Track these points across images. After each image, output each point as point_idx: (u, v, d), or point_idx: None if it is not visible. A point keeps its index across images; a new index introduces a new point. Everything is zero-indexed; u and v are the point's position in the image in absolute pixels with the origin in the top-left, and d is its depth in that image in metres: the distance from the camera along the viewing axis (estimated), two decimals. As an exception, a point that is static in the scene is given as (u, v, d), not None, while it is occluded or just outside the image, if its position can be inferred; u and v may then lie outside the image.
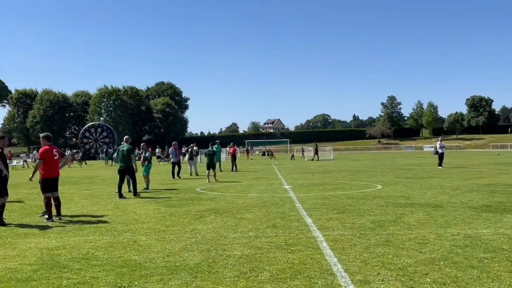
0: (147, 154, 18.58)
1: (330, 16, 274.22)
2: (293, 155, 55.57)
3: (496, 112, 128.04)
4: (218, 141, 29.01)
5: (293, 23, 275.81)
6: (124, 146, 15.28)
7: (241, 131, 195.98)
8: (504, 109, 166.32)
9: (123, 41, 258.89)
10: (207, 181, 20.88)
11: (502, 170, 24.72)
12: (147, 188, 17.42)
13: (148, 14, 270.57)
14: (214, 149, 22.62)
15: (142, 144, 19.82)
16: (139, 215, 10.85)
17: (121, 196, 14.57)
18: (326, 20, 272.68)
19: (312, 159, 46.91)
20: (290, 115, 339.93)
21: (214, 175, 21.32)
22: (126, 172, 15.10)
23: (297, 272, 5.70)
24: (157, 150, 57.62)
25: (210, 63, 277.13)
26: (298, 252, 6.72)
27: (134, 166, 15.02)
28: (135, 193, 15.01)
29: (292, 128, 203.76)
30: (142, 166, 18.10)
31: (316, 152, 47.85)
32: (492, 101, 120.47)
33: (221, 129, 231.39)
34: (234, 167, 30.24)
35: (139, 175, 16.75)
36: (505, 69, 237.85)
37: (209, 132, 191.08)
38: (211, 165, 21.31)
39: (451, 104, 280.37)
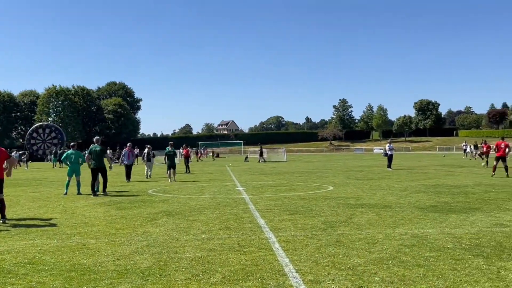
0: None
1: (282, 17, 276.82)
2: (247, 157, 55.68)
3: (442, 116, 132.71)
4: (171, 142, 28.70)
5: (247, 24, 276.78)
6: (97, 147, 16.23)
7: (195, 132, 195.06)
8: (450, 112, 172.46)
9: (73, 39, 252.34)
10: (169, 181, 21.68)
11: (448, 172, 25.64)
12: (97, 190, 17.00)
13: (99, 12, 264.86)
14: (167, 150, 22.61)
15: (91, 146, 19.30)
16: (88, 218, 10.59)
17: (94, 194, 15.45)
18: (279, 21, 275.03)
19: (259, 161, 47.28)
20: (245, 117, 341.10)
21: (174, 175, 22.21)
22: (99, 171, 16.00)
23: (249, 274, 5.71)
24: (108, 151, 56.38)
25: (164, 63, 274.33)
26: (250, 253, 6.74)
27: (110, 165, 16.09)
28: (105, 193, 15.90)
29: (246, 130, 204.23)
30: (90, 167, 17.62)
31: (260, 154, 48.39)
32: (439, 104, 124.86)
33: (174, 130, 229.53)
34: (187, 169, 30.03)
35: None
36: (451, 74, 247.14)
37: (162, 133, 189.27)
38: (171, 165, 22.24)
39: (400, 107, 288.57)
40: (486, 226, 8.58)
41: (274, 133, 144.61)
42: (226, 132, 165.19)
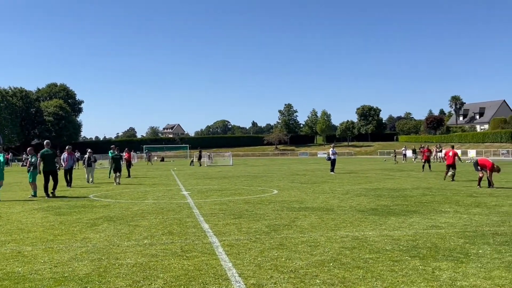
0: (33, 160, 17.37)
1: (228, 19, 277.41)
2: (192, 161, 55.25)
3: (383, 121, 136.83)
4: (113, 146, 28.06)
5: (193, 25, 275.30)
6: (49, 151, 16.90)
7: (139, 136, 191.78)
8: (390, 118, 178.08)
9: (10, 39, 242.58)
10: (115, 183, 22.22)
11: (388, 176, 26.45)
12: (34, 195, 16.40)
13: (38, 12, 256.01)
14: (110, 154, 22.22)
15: (28, 149, 18.59)
16: (25, 224, 10.18)
17: (47, 195, 16.03)
18: (224, 24, 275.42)
19: (200, 165, 47.23)
20: (191, 121, 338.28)
21: (119, 178, 22.69)
22: (50, 174, 16.54)
23: (191, 279, 5.66)
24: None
25: (107, 65, 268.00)
26: (193, 258, 6.69)
27: (59, 168, 17.49)
28: (53, 193, 16.34)
29: (192, 133, 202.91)
30: (28, 172, 17.00)
31: (199, 158, 48.45)
32: (380, 110, 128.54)
33: (118, 133, 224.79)
34: (129, 174, 29.45)
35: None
36: (392, 81, 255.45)
37: (104, 136, 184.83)
38: (117, 169, 22.86)
39: (343, 113, 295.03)
40: (422, 228, 8.91)
41: (220, 137, 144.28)
42: (171, 135, 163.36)
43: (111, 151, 28.06)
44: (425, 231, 8.63)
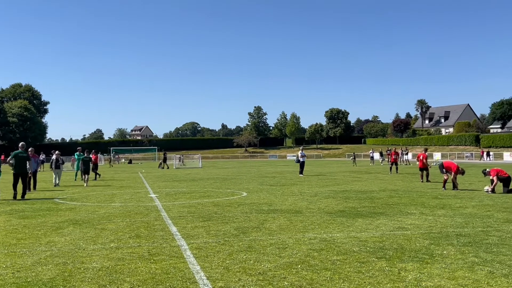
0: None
1: (197, 20, 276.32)
2: (161, 163, 54.72)
3: (351, 124, 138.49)
4: (80, 148, 27.59)
5: (161, 26, 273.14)
6: (23, 153, 16.84)
7: (106, 137, 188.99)
8: (358, 121, 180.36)
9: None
10: (85, 185, 22.59)
11: (355, 178, 26.77)
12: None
13: (0, 9, 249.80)
14: (76, 156, 21.88)
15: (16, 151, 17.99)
16: (-14, 228, 9.88)
17: (15, 194, 16.15)
18: (193, 25, 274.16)
19: (159, 166, 47.13)
20: (159, 123, 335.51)
21: (87, 180, 23.13)
22: (20, 176, 16.46)
23: (159, 282, 5.60)
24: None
25: (73, 65, 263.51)
26: (161, 261, 6.61)
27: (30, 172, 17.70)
28: (23, 196, 16.27)
29: (161, 135, 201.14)
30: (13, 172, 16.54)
31: (164, 161, 48.49)
32: (348, 113, 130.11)
33: (84, 135, 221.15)
34: (96, 176, 28.96)
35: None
36: (360, 85, 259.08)
37: (71, 138, 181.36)
38: (86, 171, 23.30)
39: (312, 116, 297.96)
40: (389, 230, 9.04)
41: (190, 139, 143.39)
42: (139, 137, 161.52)
43: (77, 153, 27.57)
44: (391, 232, 8.76)
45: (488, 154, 66.94)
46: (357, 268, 6.17)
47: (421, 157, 22.57)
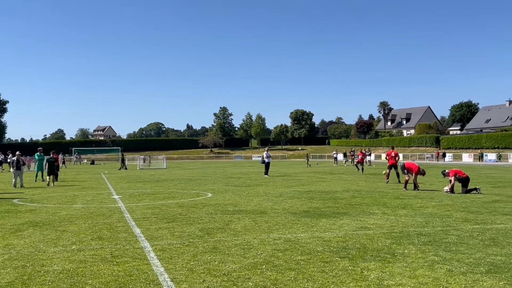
0: None
1: (162, 20, 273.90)
2: (124, 164, 53.90)
3: (316, 125, 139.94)
4: (40, 148, 26.95)
5: (124, 25, 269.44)
6: None
7: (68, 138, 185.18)
8: (322, 122, 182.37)
9: None
10: (52, 185, 22.69)
11: (319, 178, 27.05)
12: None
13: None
14: (36, 157, 21.35)
15: None
16: None
17: None
18: (158, 24, 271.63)
19: (120, 168, 46.55)
20: (123, 123, 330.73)
21: (53, 181, 23.13)
22: None
23: (122, 285, 5.52)
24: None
25: (33, 64, 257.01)
26: (124, 263, 6.52)
27: None
28: None
29: (124, 136, 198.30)
30: None
31: (122, 161, 48.13)
32: (313, 115, 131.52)
33: (45, 135, 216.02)
34: (56, 177, 28.32)
35: None
36: (324, 86, 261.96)
37: (31, 138, 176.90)
38: (51, 172, 23.13)
39: (277, 117, 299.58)
40: (352, 230, 9.17)
41: (154, 140, 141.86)
42: (102, 138, 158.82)
43: (38, 153, 26.94)
44: (354, 232, 8.89)
45: (444, 155, 68.78)
46: (320, 267, 6.23)
47: (392, 154, 22.74)
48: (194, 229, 9.32)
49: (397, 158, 22.74)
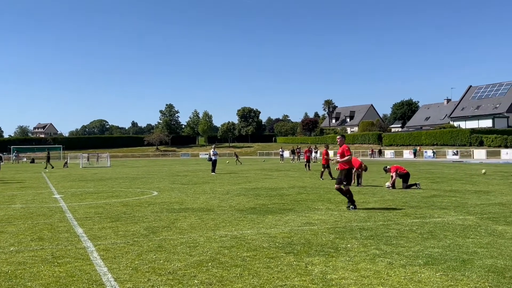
0: None
1: (105, 17, 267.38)
2: (66, 162, 52.39)
3: (263, 123, 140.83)
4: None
5: (67, 22, 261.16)
6: None
7: (6, 135, 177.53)
8: (269, 120, 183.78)
9: None
10: None
11: (266, 175, 27.26)
12: None
13: None
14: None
15: None
16: None
17: None
18: (101, 22, 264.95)
19: (53, 167, 45.14)
20: (65, 120, 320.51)
21: None
22: None
23: (63, 286, 5.37)
24: None
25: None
26: (66, 264, 6.34)
27: None
28: None
29: (66, 133, 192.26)
30: None
31: (47, 160, 46.83)
32: (260, 112, 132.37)
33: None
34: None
35: None
36: (271, 84, 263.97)
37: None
38: None
39: (225, 114, 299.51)
40: (297, 225, 9.31)
41: (98, 137, 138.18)
42: (43, 135, 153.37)
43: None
44: (299, 228, 9.03)
45: (380, 152, 70.96)
46: (266, 263, 6.29)
47: (325, 155, 23.50)
48: (139, 228, 9.18)
49: (326, 156, 23.29)
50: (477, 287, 5.18)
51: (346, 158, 11.88)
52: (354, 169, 18.31)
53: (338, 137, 12.53)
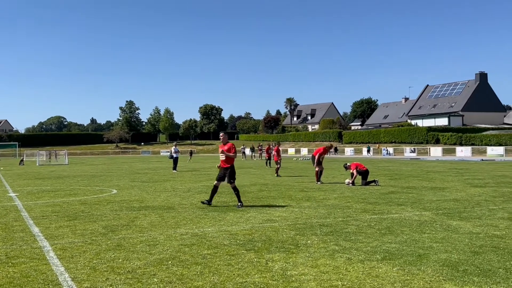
0: None
1: (64, 14, 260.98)
2: (22, 160, 50.91)
3: (225, 120, 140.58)
4: None
5: (19, 15, 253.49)
6: None
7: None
8: (231, 117, 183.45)
9: None
10: None
11: (228, 173, 27.20)
12: None
13: None
14: None
15: None
16: None
17: None
18: (60, 18, 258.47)
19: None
20: (21, 116, 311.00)
21: None
22: None
23: (18, 287, 5.22)
24: None
25: None
26: (20, 264, 6.17)
27: None
28: None
29: (22, 130, 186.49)
30: None
31: None
32: (222, 110, 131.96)
33: None
34: None
35: None
36: (233, 81, 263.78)
37: None
38: None
39: (186, 111, 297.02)
40: (258, 222, 9.34)
41: (55, 134, 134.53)
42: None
43: None
44: (260, 225, 9.06)
45: (336, 150, 71.92)
46: (227, 261, 6.29)
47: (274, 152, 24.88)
48: (97, 227, 9.01)
49: (274, 153, 24.99)
50: (432, 281, 5.33)
51: (231, 154, 12.19)
52: (317, 169, 18.57)
53: (221, 134, 12.73)
